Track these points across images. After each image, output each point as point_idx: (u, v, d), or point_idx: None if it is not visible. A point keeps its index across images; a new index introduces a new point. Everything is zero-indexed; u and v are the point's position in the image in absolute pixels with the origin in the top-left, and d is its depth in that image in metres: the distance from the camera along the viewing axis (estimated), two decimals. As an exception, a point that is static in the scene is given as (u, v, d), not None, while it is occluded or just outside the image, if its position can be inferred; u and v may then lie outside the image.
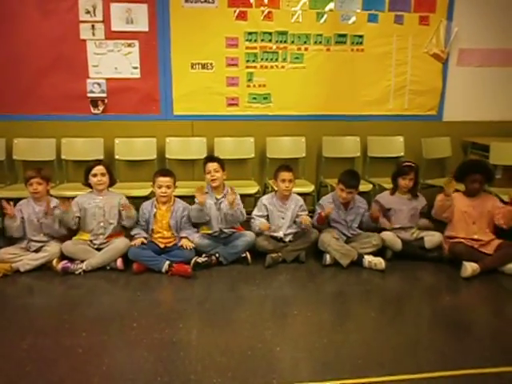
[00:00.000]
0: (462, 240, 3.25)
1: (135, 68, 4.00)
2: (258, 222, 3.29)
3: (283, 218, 3.35)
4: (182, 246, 3.14)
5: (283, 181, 3.30)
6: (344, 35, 4.15)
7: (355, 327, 2.47)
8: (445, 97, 4.40)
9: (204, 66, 4.07)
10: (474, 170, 3.28)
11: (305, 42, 4.12)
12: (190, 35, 3.99)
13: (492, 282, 3.03)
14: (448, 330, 2.46)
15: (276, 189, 3.42)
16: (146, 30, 3.94)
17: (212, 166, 3.33)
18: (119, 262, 3.08)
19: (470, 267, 3.03)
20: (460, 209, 3.30)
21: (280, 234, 3.31)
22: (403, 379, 1.98)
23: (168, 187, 3.22)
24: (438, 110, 4.41)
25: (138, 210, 3.34)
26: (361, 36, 4.17)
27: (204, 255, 3.17)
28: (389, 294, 2.88)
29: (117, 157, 4.01)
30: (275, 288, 2.91)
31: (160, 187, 3.21)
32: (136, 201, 3.50)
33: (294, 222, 3.36)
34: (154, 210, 3.26)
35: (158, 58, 4.01)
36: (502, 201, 3.36)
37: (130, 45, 3.96)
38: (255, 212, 3.39)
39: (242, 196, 3.49)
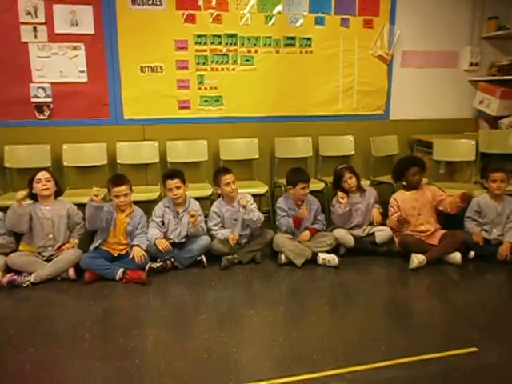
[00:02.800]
0: (411, 232, 3.40)
1: (82, 72, 3.89)
2: (222, 235, 3.25)
3: (235, 220, 3.36)
4: (132, 257, 3.05)
5: (227, 184, 3.28)
6: (293, 38, 4.23)
7: (310, 323, 2.52)
8: (391, 97, 4.58)
9: (154, 69, 4.01)
10: (411, 164, 3.46)
11: (254, 45, 4.16)
12: (138, 38, 3.93)
13: (437, 271, 3.18)
14: (396, 319, 2.57)
15: (220, 192, 3.39)
16: (92, 32, 3.84)
17: (173, 183, 3.22)
18: (71, 272, 2.99)
19: (416, 259, 3.17)
20: (405, 206, 3.45)
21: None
22: (355, 370, 2.04)
23: (125, 195, 3.15)
24: (384, 109, 4.59)
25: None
26: (309, 38, 4.26)
27: (159, 260, 3.13)
28: (342, 288, 2.95)
29: (65, 163, 3.88)
30: (231, 289, 2.92)
31: (117, 197, 3.13)
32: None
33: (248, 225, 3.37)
34: (115, 214, 3.18)
35: (105, 61, 3.92)
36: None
37: (75, 48, 3.85)
38: (210, 224, 3.33)
39: (197, 199, 3.48)
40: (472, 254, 3.37)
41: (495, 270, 3.21)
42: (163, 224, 3.26)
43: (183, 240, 3.27)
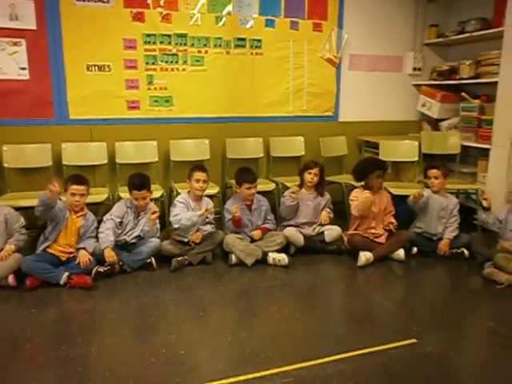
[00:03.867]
0: (359, 231, 3.50)
1: (23, 69, 3.72)
2: (186, 217, 3.20)
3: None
4: (78, 263, 2.95)
5: (197, 181, 3.30)
6: (243, 39, 4.25)
7: (259, 322, 2.55)
8: (339, 99, 4.70)
9: (101, 68, 3.91)
10: (377, 166, 3.51)
11: (205, 45, 4.15)
12: (83, 35, 3.81)
13: (383, 267, 3.31)
14: (343, 315, 2.65)
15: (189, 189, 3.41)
16: (34, 28, 3.68)
17: (141, 194, 3.18)
18: (11, 279, 2.84)
19: (364, 257, 3.28)
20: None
21: None
22: (301, 367, 2.08)
23: (82, 195, 3.05)
24: (334, 111, 4.71)
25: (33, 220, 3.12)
26: (259, 40, 4.30)
27: (106, 264, 3.04)
28: (292, 287, 3.00)
29: (6, 165, 3.69)
30: (181, 291, 2.89)
31: (73, 195, 3.03)
32: (28, 211, 3.24)
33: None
34: (67, 213, 3.06)
35: (49, 58, 3.76)
36: (392, 198, 3.67)
37: (15, 43, 3.67)
38: (174, 212, 3.28)
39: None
40: (415, 250, 3.53)
41: (436, 265, 3.38)
42: (121, 224, 3.19)
43: (134, 241, 3.21)
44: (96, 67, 3.89)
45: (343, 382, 1.99)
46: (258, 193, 3.57)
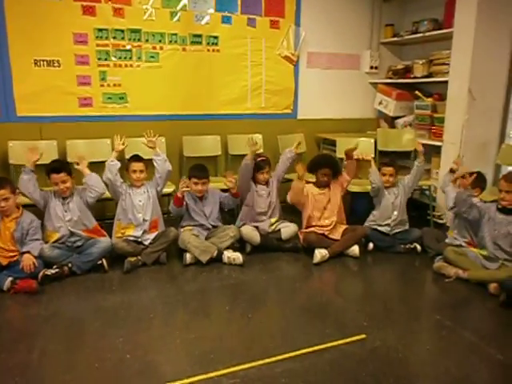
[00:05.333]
0: (314, 229, 3.53)
1: (-35, 63, 3.54)
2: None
3: (140, 201, 3.29)
4: (21, 268, 2.80)
5: (134, 171, 3.29)
6: (199, 35, 4.19)
7: (210, 323, 2.52)
8: (298, 96, 4.72)
9: (50, 63, 3.76)
10: (323, 164, 3.58)
11: (160, 41, 4.06)
12: (31, 28, 3.64)
13: (338, 264, 3.33)
14: (295, 314, 2.64)
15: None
16: (-25, 19, 3.51)
17: (60, 177, 3.08)
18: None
19: (319, 254, 3.30)
20: (313, 197, 3.57)
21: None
22: (249, 367, 2.06)
23: (5, 200, 2.87)
24: (292, 108, 4.71)
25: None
26: (216, 37, 4.25)
27: (55, 266, 2.94)
28: (246, 286, 2.97)
29: None
30: (133, 293, 2.81)
31: None
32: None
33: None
34: None
35: (-8, 52, 3.59)
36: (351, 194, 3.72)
37: (-44, 36, 3.49)
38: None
39: (104, 200, 3.37)
40: (371, 245, 3.58)
41: (389, 261, 3.44)
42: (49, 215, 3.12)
43: (73, 230, 3.10)
44: (45, 62, 3.74)
45: (292, 381, 1.99)
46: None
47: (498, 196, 3.03)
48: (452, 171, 3.46)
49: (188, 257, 3.19)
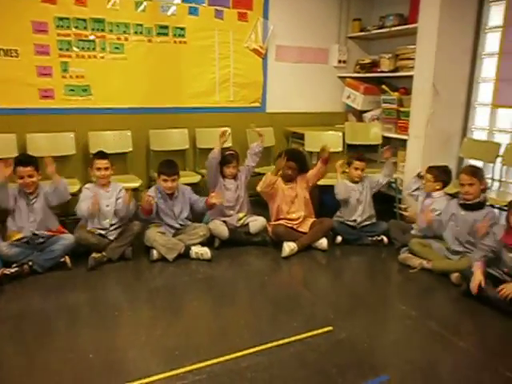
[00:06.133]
0: (282, 222, 3.53)
1: None
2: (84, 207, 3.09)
3: (107, 206, 3.19)
4: None
5: (98, 169, 3.18)
6: (165, 27, 4.10)
7: (176, 319, 2.48)
8: (266, 90, 4.69)
9: (7, 53, 3.59)
10: (288, 157, 3.57)
11: (124, 32, 3.95)
12: (-15, 16, 3.48)
13: (306, 257, 3.35)
14: (262, 307, 2.64)
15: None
16: None
17: (26, 171, 2.96)
18: None
19: (288, 247, 3.30)
20: (281, 191, 3.58)
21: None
22: (215, 362, 2.04)
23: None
24: (261, 101, 4.69)
25: None
26: (182, 28, 4.17)
27: (14, 265, 2.82)
28: (214, 281, 2.95)
29: None
30: (97, 291, 2.74)
31: None
32: None
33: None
34: None
35: None
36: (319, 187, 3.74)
37: None
38: (79, 201, 3.16)
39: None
40: (339, 239, 3.62)
41: (357, 253, 3.48)
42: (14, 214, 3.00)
43: (37, 232, 2.99)
44: (1, 51, 3.57)
45: (257, 375, 1.98)
46: (185, 185, 3.49)
47: (460, 190, 3.10)
48: (420, 176, 3.51)
49: (155, 253, 3.13)
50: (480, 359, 2.17)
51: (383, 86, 4.58)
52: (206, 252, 3.17)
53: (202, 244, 3.28)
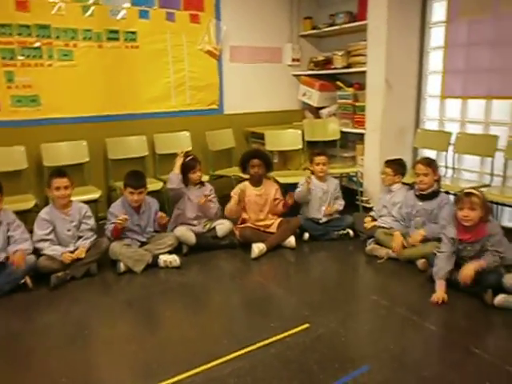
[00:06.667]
0: (249, 224, 3.52)
1: None
2: (52, 251, 2.92)
3: (69, 230, 3.04)
4: None
5: (57, 188, 2.98)
6: (116, 31, 3.98)
7: (150, 332, 2.41)
8: (223, 91, 4.66)
9: None
10: (251, 156, 3.57)
11: (73, 38, 3.80)
12: None
13: (276, 256, 3.36)
14: (239, 311, 2.62)
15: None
16: None
17: None
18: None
19: (257, 248, 3.29)
20: (250, 200, 3.55)
21: None
22: (196, 372, 2.00)
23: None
24: (218, 103, 4.66)
25: None
26: (134, 32, 4.06)
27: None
28: (186, 289, 2.89)
29: None
30: (63, 310, 2.61)
31: None
32: None
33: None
34: None
35: None
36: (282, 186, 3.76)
37: None
38: (38, 233, 2.94)
39: (19, 213, 3.05)
40: (306, 235, 3.65)
41: (325, 248, 3.53)
42: None
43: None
44: None
45: (241, 380, 1.96)
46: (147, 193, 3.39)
47: (415, 180, 3.20)
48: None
49: (121, 265, 3.02)
50: (451, 340, 2.26)
51: (338, 83, 4.68)
52: (174, 259, 3.10)
53: (170, 252, 3.22)
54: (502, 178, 3.58)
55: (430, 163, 3.17)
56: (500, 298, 2.49)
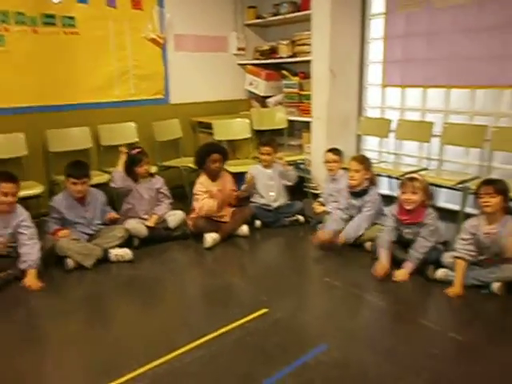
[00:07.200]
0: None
1: None
2: None
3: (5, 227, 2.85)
4: None
5: (5, 194, 2.70)
6: (52, 16, 3.75)
7: (106, 328, 2.34)
8: (169, 80, 4.56)
9: None
10: (212, 151, 3.50)
11: (3, 21, 3.53)
12: None
13: (230, 245, 3.37)
14: (196, 301, 2.62)
15: None
16: None
17: None
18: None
19: (210, 238, 3.29)
20: (211, 194, 3.46)
21: None
22: (157, 365, 1.97)
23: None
24: (164, 93, 4.55)
25: None
26: (72, 18, 3.85)
27: None
28: (140, 282, 2.83)
29: None
30: (6, 313, 2.45)
31: None
32: None
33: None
34: None
35: None
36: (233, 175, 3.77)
37: None
38: None
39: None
40: (258, 223, 3.70)
41: (277, 235, 3.60)
42: None
43: None
44: None
45: (202, 368, 1.97)
46: (92, 186, 3.26)
47: (348, 175, 3.29)
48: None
49: (70, 261, 2.90)
50: (400, 314, 2.41)
51: (283, 72, 4.74)
52: (126, 253, 3.03)
53: (121, 245, 3.13)
54: (438, 162, 3.81)
55: (363, 161, 3.28)
56: (441, 273, 2.68)
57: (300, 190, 4.27)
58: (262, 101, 5.01)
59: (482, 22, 3.41)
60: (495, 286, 2.51)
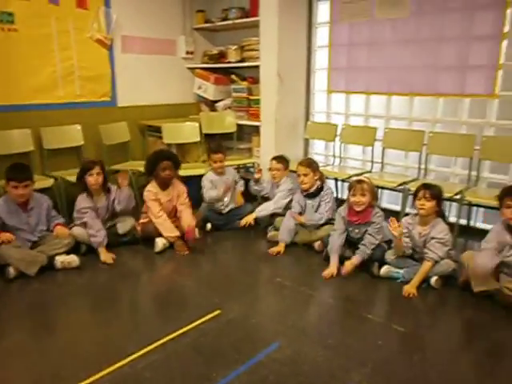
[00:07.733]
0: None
1: None
2: None
3: None
4: None
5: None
6: (-12, 11, 3.57)
7: (54, 338, 2.26)
8: (116, 83, 4.46)
9: None
10: (162, 158, 3.40)
11: None
12: None
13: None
14: (148, 306, 2.59)
15: None
16: None
17: None
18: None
19: (160, 242, 3.27)
20: (160, 202, 3.41)
21: None
22: (109, 372, 1.94)
23: None
24: (111, 95, 4.44)
25: None
26: (10, 14, 3.66)
27: None
28: (88, 290, 2.75)
29: None
30: None
31: None
32: None
33: None
34: None
35: None
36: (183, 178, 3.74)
37: None
38: None
39: None
40: (209, 226, 3.72)
41: (228, 237, 3.63)
42: None
43: None
44: None
45: (156, 372, 1.96)
46: (36, 191, 3.12)
47: (298, 180, 3.40)
48: (256, 180, 3.79)
49: (11, 270, 2.76)
50: (347, 309, 2.53)
51: (232, 76, 4.79)
52: (73, 260, 2.93)
53: (67, 252, 3.02)
54: (381, 165, 4.02)
55: (310, 164, 3.39)
56: (384, 269, 2.84)
57: (249, 192, 4.32)
58: (211, 105, 5.03)
59: (418, 34, 3.65)
60: (433, 280, 2.70)
